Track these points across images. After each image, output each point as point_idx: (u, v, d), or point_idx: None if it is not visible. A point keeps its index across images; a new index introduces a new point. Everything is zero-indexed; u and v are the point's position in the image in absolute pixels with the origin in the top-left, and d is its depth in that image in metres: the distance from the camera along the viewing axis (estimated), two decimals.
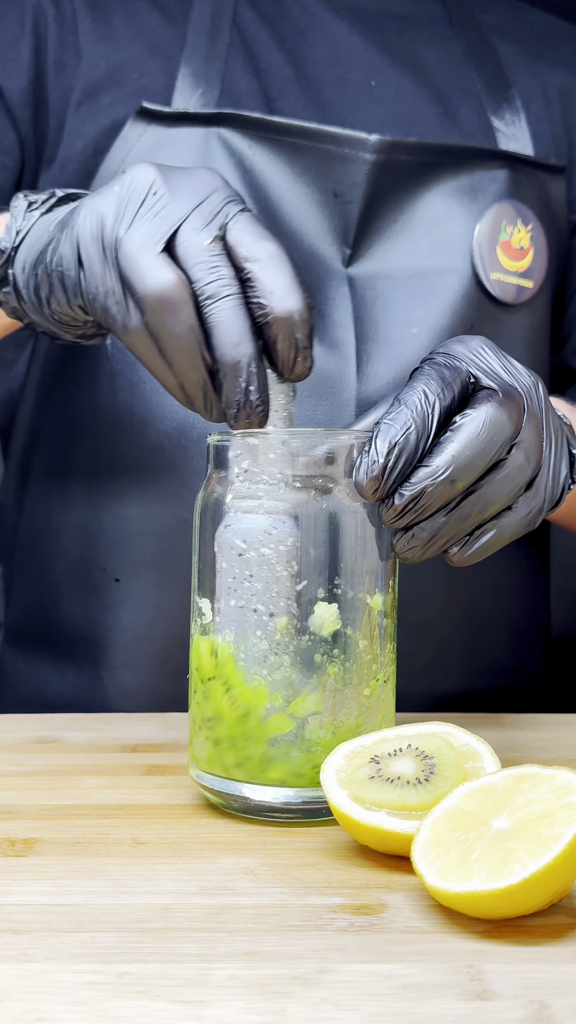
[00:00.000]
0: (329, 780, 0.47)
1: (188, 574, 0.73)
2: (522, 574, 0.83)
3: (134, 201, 0.53)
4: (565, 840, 0.39)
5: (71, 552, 0.78)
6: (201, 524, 0.53)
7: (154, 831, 0.50)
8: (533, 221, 0.80)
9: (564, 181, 0.83)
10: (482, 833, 0.41)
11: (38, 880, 0.44)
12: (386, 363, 0.75)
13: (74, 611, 0.78)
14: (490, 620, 0.81)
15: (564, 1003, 0.35)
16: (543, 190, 0.82)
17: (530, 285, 0.79)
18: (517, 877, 0.38)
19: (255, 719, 0.50)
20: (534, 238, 0.80)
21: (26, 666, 0.81)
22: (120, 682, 0.76)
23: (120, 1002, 0.35)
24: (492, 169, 0.79)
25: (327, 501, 0.50)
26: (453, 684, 0.79)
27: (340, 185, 0.76)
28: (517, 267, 0.78)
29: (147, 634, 0.75)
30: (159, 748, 0.64)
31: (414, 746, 0.48)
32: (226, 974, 0.36)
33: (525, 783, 0.43)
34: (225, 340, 0.50)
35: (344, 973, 0.36)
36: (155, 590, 0.75)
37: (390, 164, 0.76)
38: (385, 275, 0.77)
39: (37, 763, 0.60)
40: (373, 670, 0.51)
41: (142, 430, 0.75)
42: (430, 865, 0.41)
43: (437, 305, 0.76)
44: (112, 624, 0.76)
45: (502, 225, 0.78)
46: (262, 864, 0.46)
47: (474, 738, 0.50)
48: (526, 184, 0.80)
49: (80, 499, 0.78)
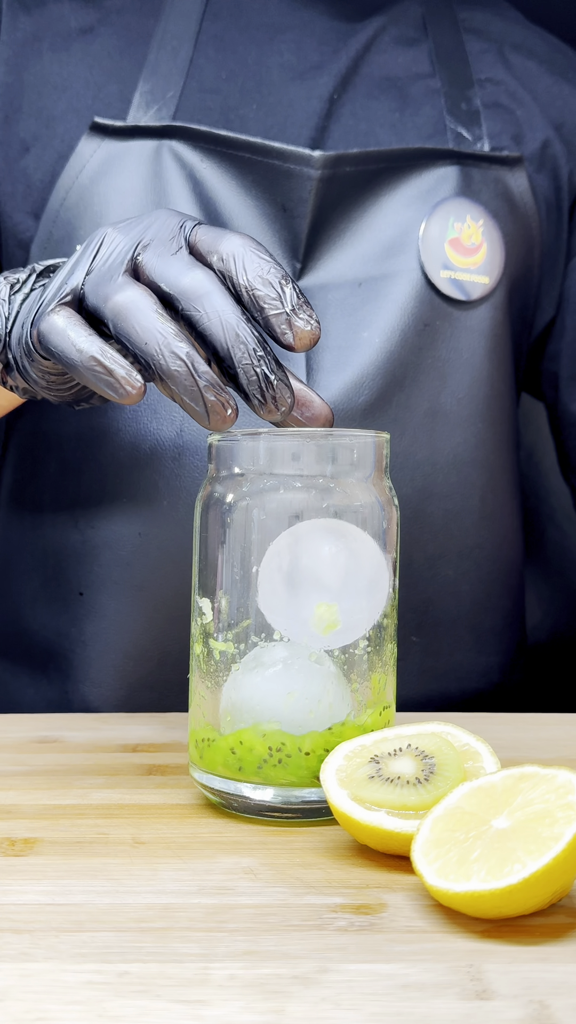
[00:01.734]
0: (329, 780, 0.47)
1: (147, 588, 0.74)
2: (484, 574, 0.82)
3: (90, 250, 0.52)
4: (565, 840, 0.39)
5: (44, 567, 0.79)
6: (201, 524, 0.53)
7: (154, 831, 0.50)
8: (484, 217, 0.79)
9: (525, 172, 0.82)
10: (482, 833, 0.41)
11: (38, 880, 0.44)
12: (337, 370, 0.75)
13: (46, 625, 0.79)
14: (449, 621, 0.81)
15: (564, 1003, 0.35)
16: (501, 184, 0.81)
17: (486, 281, 0.79)
18: (517, 877, 0.38)
19: None
20: (486, 233, 0.79)
21: (11, 677, 0.82)
22: (83, 695, 0.76)
23: (120, 1002, 0.35)
24: (442, 167, 0.79)
25: (327, 501, 0.50)
26: (413, 688, 0.79)
27: (288, 200, 0.76)
28: (469, 263, 0.78)
29: (108, 647, 0.76)
30: (159, 748, 0.64)
31: (414, 746, 0.48)
32: (226, 974, 0.36)
33: (525, 783, 0.43)
34: (217, 332, 0.49)
35: (344, 973, 0.36)
36: (114, 604, 0.75)
37: (336, 177, 0.76)
38: (335, 284, 0.77)
39: (37, 763, 0.60)
40: (373, 670, 0.51)
41: (100, 446, 0.76)
42: (430, 865, 0.41)
43: (388, 308, 0.76)
44: (76, 638, 0.77)
45: (449, 222, 0.78)
46: (262, 864, 0.46)
47: (474, 738, 0.50)
48: (479, 180, 0.80)
49: (48, 515, 0.78)
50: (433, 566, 0.79)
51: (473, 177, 0.80)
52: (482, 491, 0.80)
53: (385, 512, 0.52)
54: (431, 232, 0.77)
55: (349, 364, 0.75)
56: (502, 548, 0.83)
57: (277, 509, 0.50)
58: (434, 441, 0.78)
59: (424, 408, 0.77)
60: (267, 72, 0.80)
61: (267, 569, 0.50)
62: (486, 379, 0.80)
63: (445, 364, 0.78)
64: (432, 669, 0.80)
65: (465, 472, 0.79)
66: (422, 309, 0.77)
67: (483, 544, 0.81)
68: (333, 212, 0.77)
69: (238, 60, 0.80)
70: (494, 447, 0.81)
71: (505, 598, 0.84)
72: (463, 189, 0.79)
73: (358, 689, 0.51)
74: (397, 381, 0.76)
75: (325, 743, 0.49)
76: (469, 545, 0.80)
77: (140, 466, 0.75)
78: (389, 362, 0.76)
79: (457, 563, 0.80)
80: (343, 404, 0.74)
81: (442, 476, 0.78)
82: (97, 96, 0.77)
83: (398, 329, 0.76)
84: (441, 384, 0.78)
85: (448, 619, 0.80)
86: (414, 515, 0.77)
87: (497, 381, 0.80)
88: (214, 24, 0.81)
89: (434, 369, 0.77)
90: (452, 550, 0.79)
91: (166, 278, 0.50)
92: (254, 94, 0.79)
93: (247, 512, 0.51)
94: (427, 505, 0.78)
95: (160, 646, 0.75)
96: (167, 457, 0.74)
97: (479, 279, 0.78)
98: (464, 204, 0.79)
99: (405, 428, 0.77)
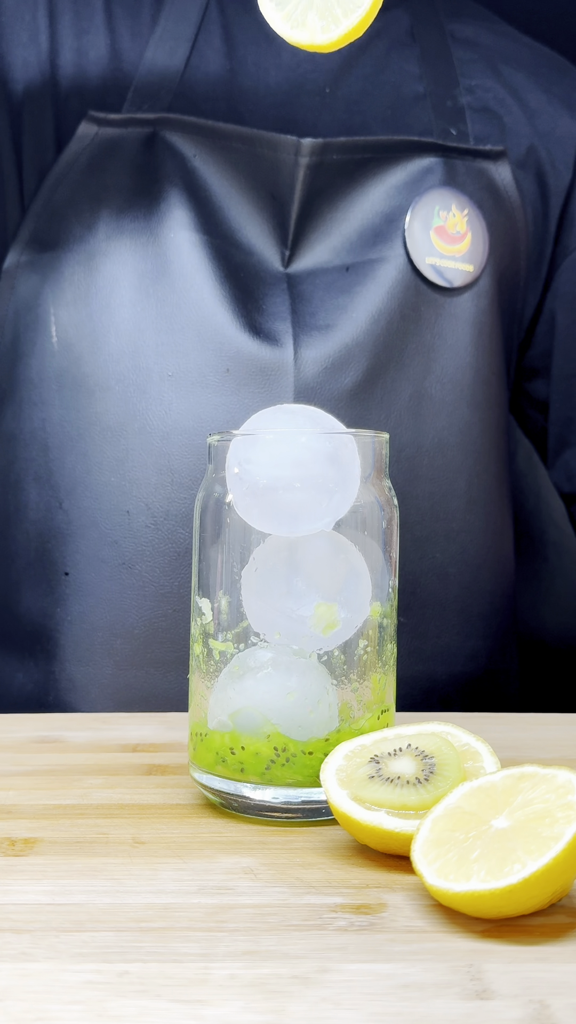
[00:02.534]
0: (329, 779, 0.47)
1: (135, 565, 0.75)
2: (470, 557, 0.83)
3: None
4: (565, 839, 0.39)
5: (28, 549, 0.79)
6: (201, 524, 0.53)
7: (154, 831, 0.50)
8: (470, 206, 0.81)
9: (509, 165, 0.84)
10: (482, 832, 0.41)
11: (38, 880, 0.44)
12: (323, 347, 0.77)
13: (31, 606, 0.79)
14: (436, 604, 0.81)
15: (564, 1003, 0.35)
16: (485, 177, 0.83)
17: (470, 269, 0.81)
18: (517, 876, 0.38)
19: None
20: (471, 223, 0.81)
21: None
22: (70, 674, 0.77)
23: (120, 1001, 0.35)
24: (427, 158, 0.81)
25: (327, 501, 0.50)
26: (400, 668, 0.80)
27: (277, 188, 0.78)
28: (454, 251, 0.80)
29: (95, 626, 0.76)
30: (159, 748, 0.64)
31: (414, 746, 0.48)
32: (226, 973, 0.36)
33: (525, 783, 0.43)
34: None
35: (344, 973, 0.36)
36: (102, 583, 0.76)
37: (323, 165, 0.78)
38: (323, 270, 0.79)
39: (37, 763, 0.60)
40: (373, 670, 0.51)
41: (86, 426, 0.77)
42: (430, 865, 0.41)
43: (375, 291, 0.78)
44: (62, 617, 0.77)
45: (435, 211, 0.80)
46: (262, 864, 0.46)
47: (474, 738, 0.50)
48: (463, 172, 0.82)
49: (33, 495, 0.79)
50: (420, 548, 0.80)
51: (457, 169, 0.82)
52: (468, 475, 0.81)
53: (384, 512, 0.52)
54: (416, 220, 0.79)
55: (335, 343, 0.77)
56: (489, 533, 0.84)
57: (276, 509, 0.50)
58: (419, 424, 0.79)
59: (409, 391, 0.79)
60: (264, 73, 0.81)
61: (255, 571, 0.50)
62: (471, 365, 0.81)
63: (430, 349, 0.80)
64: (419, 651, 0.81)
65: (450, 455, 0.81)
66: (407, 295, 0.79)
67: (469, 528, 0.82)
68: (320, 199, 0.79)
69: (237, 59, 0.81)
70: (481, 432, 0.82)
71: (492, 583, 0.84)
72: (448, 180, 0.81)
73: (357, 689, 0.51)
74: (382, 364, 0.77)
75: (326, 744, 0.50)
76: (455, 528, 0.81)
77: (128, 446, 0.75)
78: (375, 345, 0.77)
79: (444, 545, 0.81)
80: (329, 384, 0.76)
81: (427, 459, 0.80)
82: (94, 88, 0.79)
83: (384, 313, 0.78)
84: (426, 369, 0.79)
85: (435, 601, 0.81)
86: (401, 497, 0.78)
87: (483, 368, 0.82)
88: (213, 23, 0.81)
89: (419, 354, 0.79)
90: (439, 532, 0.80)
91: None
92: (250, 93, 0.80)
93: None
94: (413, 487, 0.79)
95: (149, 623, 0.76)
96: (155, 436, 0.75)
97: (463, 267, 0.80)
98: (449, 193, 0.81)
99: (391, 410, 0.78)
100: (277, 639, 0.50)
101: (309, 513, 0.49)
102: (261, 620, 0.50)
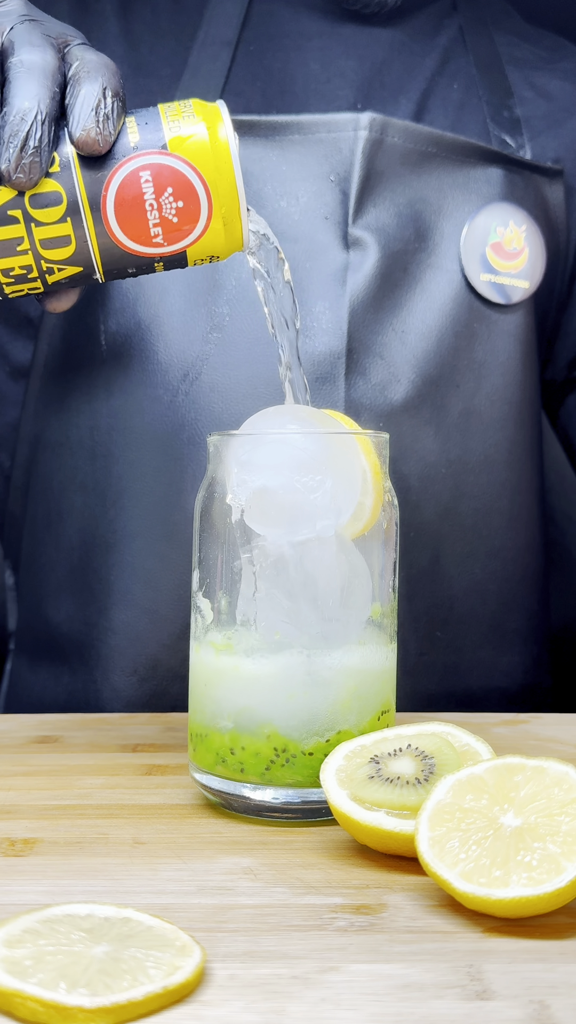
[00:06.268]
0: (329, 780, 0.47)
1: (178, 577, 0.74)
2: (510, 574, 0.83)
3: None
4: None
5: (70, 557, 0.79)
6: (201, 524, 0.53)
7: (154, 831, 0.50)
8: (528, 222, 0.80)
9: (562, 185, 0.83)
10: (498, 832, 0.41)
11: (38, 880, 0.44)
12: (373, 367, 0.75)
13: (72, 616, 0.78)
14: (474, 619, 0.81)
15: (564, 1003, 0.35)
16: (540, 194, 0.82)
17: (526, 285, 0.80)
18: (564, 879, 0.39)
19: None
20: (528, 239, 0.80)
21: (29, 673, 0.82)
22: (113, 684, 0.76)
23: None
24: (489, 167, 0.79)
25: None
26: (436, 683, 0.79)
27: (337, 167, 0.76)
28: (510, 267, 0.79)
29: (137, 637, 0.76)
30: (159, 748, 0.64)
31: (414, 746, 0.48)
32: (226, 974, 0.36)
33: (516, 775, 0.43)
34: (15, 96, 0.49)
35: (344, 973, 0.36)
36: (146, 593, 0.75)
37: (383, 143, 0.76)
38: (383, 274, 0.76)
39: (37, 763, 0.60)
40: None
41: (135, 435, 0.76)
42: (451, 868, 0.40)
43: (426, 308, 0.77)
44: (105, 627, 0.77)
45: (492, 227, 0.78)
46: (262, 864, 0.46)
47: (474, 738, 0.50)
48: (522, 186, 0.81)
49: (78, 503, 0.78)
50: (462, 564, 0.79)
51: (516, 183, 0.80)
52: (511, 493, 0.81)
53: (384, 512, 0.52)
54: (473, 236, 0.78)
55: (386, 362, 0.75)
56: (528, 550, 0.84)
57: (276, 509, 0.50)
58: (467, 441, 0.78)
59: (459, 408, 0.78)
60: (291, 82, 0.80)
61: (255, 571, 0.50)
62: (519, 383, 0.81)
63: (481, 366, 0.79)
64: (455, 665, 0.80)
65: (496, 473, 0.80)
66: (460, 311, 0.78)
67: (511, 545, 0.82)
68: (380, 180, 0.77)
69: (264, 67, 0.80)
70: (524, 450, 0.82)
71: (529, 598, 0.84)
72: (507, 194, 0.80)
73: (357, 689, 0.51)
74: (433, 381, 0.77)
75: (326, 745, 0.49)
76: (497, 546, 0.81)
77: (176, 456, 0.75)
78: (426, 362, 0.76)
79: (485, 562, 0.80)
80: (378, 400, 0.75)
81: (473, 476, 0.79)
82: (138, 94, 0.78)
83: (435, 329, 0.77)
84: (476, 386, 0.79)
85: (473, 617, 0.81)
86: (445, 513, 0.78)
87: (527, 385, 0.82)
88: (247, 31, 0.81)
89: (470, 371, 0.78)
90: (481, 550, 0.80)
91: (12, 39, 0.51)
92: (275, 101, 0.80)
93: None
94: (458, 504, 0.78)
95: None
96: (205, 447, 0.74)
97: (519, 283, 0.79)
98: (508, 208, 0.79)
99: (439, 427, 0.77)
100: (277, 639, 0.50)
101: (309, 514, 0.49)
102: (261, 620, 0.50)
